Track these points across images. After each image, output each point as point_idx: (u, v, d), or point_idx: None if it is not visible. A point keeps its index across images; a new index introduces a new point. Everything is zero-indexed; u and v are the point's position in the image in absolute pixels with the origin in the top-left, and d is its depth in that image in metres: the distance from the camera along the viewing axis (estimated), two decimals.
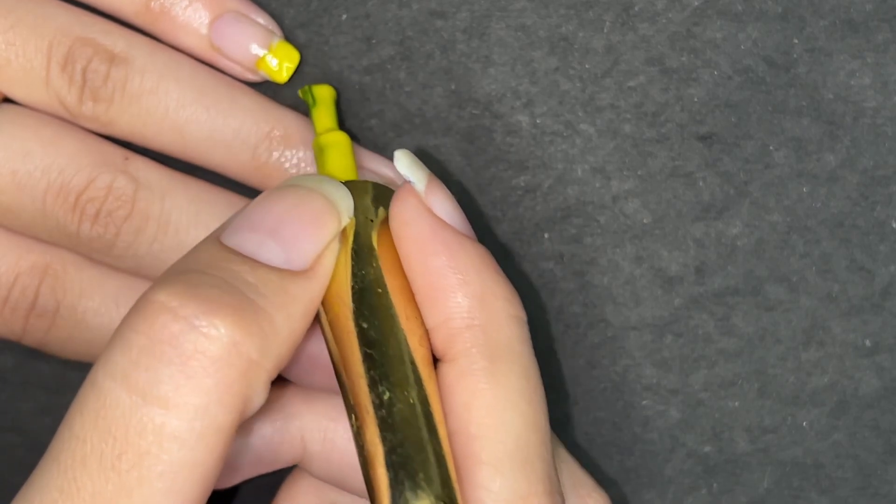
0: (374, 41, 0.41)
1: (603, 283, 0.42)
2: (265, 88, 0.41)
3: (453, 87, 0.41)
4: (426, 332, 0.34)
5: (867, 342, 0.42)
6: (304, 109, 0.41)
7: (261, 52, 0.40)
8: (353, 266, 0.35)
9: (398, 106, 0.41)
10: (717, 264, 0.42)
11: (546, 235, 0.42)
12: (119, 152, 0.40)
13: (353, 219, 0.35)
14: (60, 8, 0.39)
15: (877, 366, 0.42)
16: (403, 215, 0.35)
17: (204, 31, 0.40)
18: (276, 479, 0.42)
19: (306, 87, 0.40)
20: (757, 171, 0.41)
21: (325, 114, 0.40)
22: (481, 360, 0.34)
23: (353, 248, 0.35)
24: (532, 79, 0.41)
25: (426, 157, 0.42)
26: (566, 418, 0.43)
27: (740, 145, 0.41)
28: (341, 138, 0.39)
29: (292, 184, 0.35)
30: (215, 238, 0.34)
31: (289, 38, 0.41)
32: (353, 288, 0.34)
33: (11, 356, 0.44)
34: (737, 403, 0.43)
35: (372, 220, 0.35)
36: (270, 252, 0.33)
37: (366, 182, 0.37)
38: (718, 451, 0.43)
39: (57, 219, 0.39)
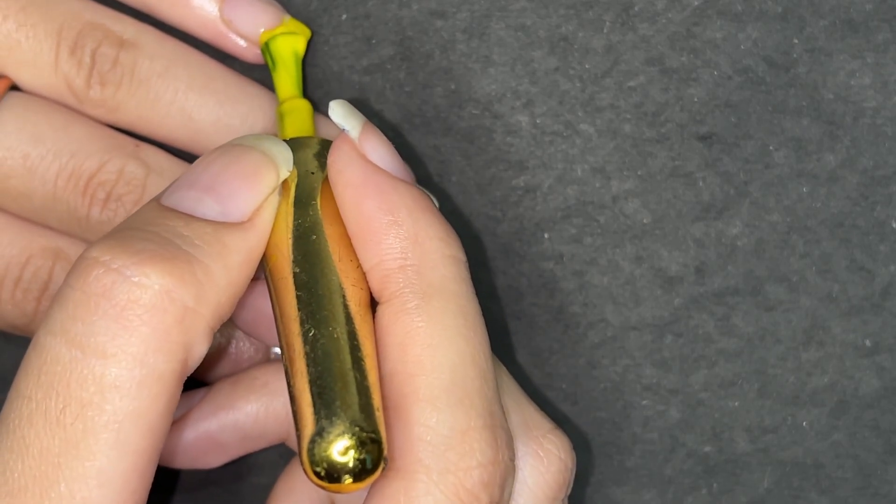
0: (374, 41, 0.41)
1: (603, 283, 0.42)
2: (267, 76, 0.41)
3: (453, 87, 0.41)
4: (363, 275, 0.35)
5: (867, 342, 0.42)
6: (310, 96, 0.41)
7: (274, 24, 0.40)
8: (293, 217, 0.35)
9: (398, 106, 0.41)
10: (717, 264, 0.42)
11: (546, 235, 0.42)
12: (129, 139, 0.40)
13: (295, 172, 0.36)
14: None
15: (877, 366, 0.42)
16: (338, 163, 0.35)
17: (215, 2, 0.40)
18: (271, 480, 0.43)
19: (264, 45, 0.40)
20: (757, 171, 0.41)
21: (286, 79, 0.40)
22: (415, 299, 0.34)
23: (293, 200, 0.35)
24: (532, 79, 0.41)
25: (426, 158, 0.42)
26: (566, 418, 0.43)
27: (740, 145, 0.41)
28: (301, 105, 0.39)
29: (232, 143, 0.36)
30: (156, 200, 0.35)
31: None
32: (292, 237, 0.35)
33: (11, 357, 0.44)
34: (737, 403, 0.43)
35: (313, 174, 0.36)
36: (206, 207, 0.34)
37: (310, 137, 0.37)
38: (718, 451, 0.43)
39: (67, 203, 0.39)
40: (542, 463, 0.36)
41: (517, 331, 0.43)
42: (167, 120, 0.40)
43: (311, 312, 0.34)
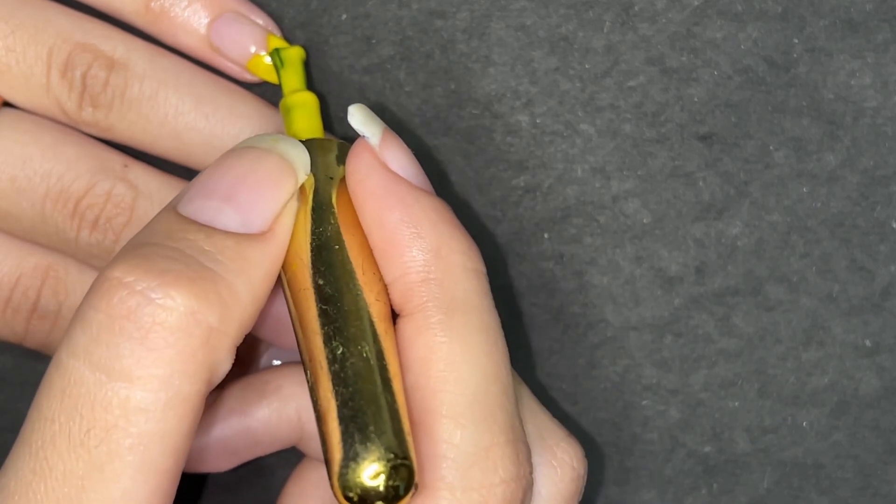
0: (374, 41, 0.41)
1: (603, 283, 0.42)
2: (264, 89, 0.41)
3: (453, 87, 0.41)
4: (384, 288, 0.34)
5: (867, 342, 0.42)
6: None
7: (260, 52, 0.40)
8: (312, 224, 0.35)
9: (398, 106, 0.41)
10: (717, 264, 0.42)
11: (546, 235, 0.42)
12: (118, 159, 0.40)
13: (312, 176, 0.35)
14: (60, 12, 0.39)
15: (877, 366, 0.42)
16: (358, 171, 0.35)
17: (203, 31, 0.40)
18: (277, 480, 0.42)
19: (274, 50, 0.40)
20: (757, 171, 0.41)
21: (293, 75, 0.40)
22: (438, 314, 0.34)
23: (312, 207, 0.35)
24: (532, 79, 0.41)
25: (426, 158, 0.42)
26: (566, 418, 0.43)
27: (740, 145, 0.41)
28: (308, 98, 0.39)
29: (247, 145, 0.35)
30: (172, 208, 0.34)
31: (288, 38, 0.41)
32: (311, 245, 0.34)
33: (11, 356, 0.44)
34: (737, 403, 0.43)
35: (332, 178, 0.35)
36: (227, 218, 0.34)
37: (327, 140, 0.37)
38: (718, 451, 0.43)
39: (56, 224, 0.39)
40: (556, 473, 0.36)
41: (517, 331, 0.43)
42: (158, 141, 0.40)
43: (339, 329, 0.33)
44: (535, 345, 0.43)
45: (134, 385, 0.31)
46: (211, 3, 0.40)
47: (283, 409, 0.39)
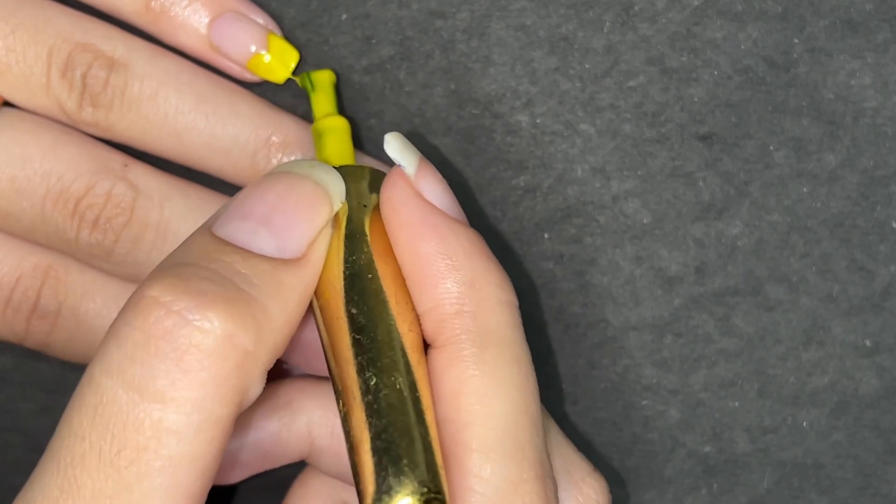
0: (374, 41, 0.41)
1: (603, 283, 0.42)
2: (265, 89, 0.41)
3: (453, 87, 0.41)
4: (417, 318, 0.34)
5: (867, 342, 0.42)
6: (302, 112, 0.41)
7: (260, 51, 0.40)
8: (344, 252, 0.34)
9: (398, 106, 0.41)
10: (717, 264, 0.42)
11: (546, 235, 0.42)
12: (119, 158, 0.40)
13: (346, 204, 0.35)
14: (60, 12, 0.40)
15: (877, 366, 0.42)
16: (393, 200, 0.35)
17: (203, 30, 0.40)
18: (279, 479, 0.42)
19: (304, 74, 0.40)
20: (757, 171, 0.41)
21: (324, 99, 0.40)
22: (471, 347, 0.34)
23: (345, 234, 0.35)
24: (532, 79, 0.41)
25: (426, 158, 0.42)
26: (566, 418, 0.43)
27: (740, 145, 0.41)
28: (340, 123, 0.39)
29: (283, 170, 0.35)
30: (207, 229, 0.34)
31: (288, 37, 0.41)
32: (344, 273, 0.34)
33: (11, 356, 0.44)
34: (737, 403, 0.43)
35: (365, 206, 0.35)
36: (262, 241, 0.33)
37: (360, 167, 0.37)
38: (718, 451, 0.43)
39: (56, 224, 0.39)
40: None
41: None
42: (158, 142, 0.40)
43: (372, 359, 0.33)
44: (535, 345, 0.43)
45: (167, 407, 0.31)
46: (211, 2, 0.40)
47: (293, 424, 0.39)
